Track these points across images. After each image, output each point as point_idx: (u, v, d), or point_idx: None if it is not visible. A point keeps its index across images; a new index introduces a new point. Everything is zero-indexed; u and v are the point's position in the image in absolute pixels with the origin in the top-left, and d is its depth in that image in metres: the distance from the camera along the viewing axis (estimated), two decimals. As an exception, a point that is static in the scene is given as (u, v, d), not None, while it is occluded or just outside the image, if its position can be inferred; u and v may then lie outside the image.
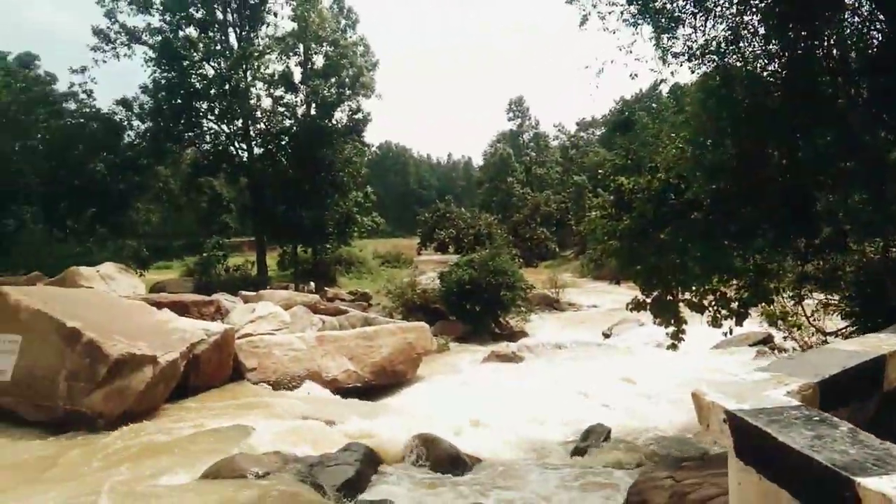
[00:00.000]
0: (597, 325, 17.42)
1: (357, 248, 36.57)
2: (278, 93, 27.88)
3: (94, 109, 27.62)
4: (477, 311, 16.09)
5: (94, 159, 26.68)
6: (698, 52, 6.70)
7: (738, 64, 6.61)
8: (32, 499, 5.02)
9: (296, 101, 28.00)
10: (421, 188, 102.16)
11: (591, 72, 7.35)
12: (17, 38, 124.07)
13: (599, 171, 10.08)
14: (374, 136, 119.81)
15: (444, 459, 6.17)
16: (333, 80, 26.97)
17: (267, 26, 28.07)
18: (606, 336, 15.76)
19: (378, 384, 10.58)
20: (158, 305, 10.78)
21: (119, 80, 40.06)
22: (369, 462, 5.97)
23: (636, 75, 7.26)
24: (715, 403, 1.69)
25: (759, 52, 6.61)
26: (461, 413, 8.23)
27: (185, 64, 26.04)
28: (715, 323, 7.10)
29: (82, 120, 27.13)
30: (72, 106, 27.97)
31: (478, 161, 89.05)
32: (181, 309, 11.63)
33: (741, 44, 6.56)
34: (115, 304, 9.90)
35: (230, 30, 27.71)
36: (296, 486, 4.90)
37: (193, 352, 8.55)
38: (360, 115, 28.13)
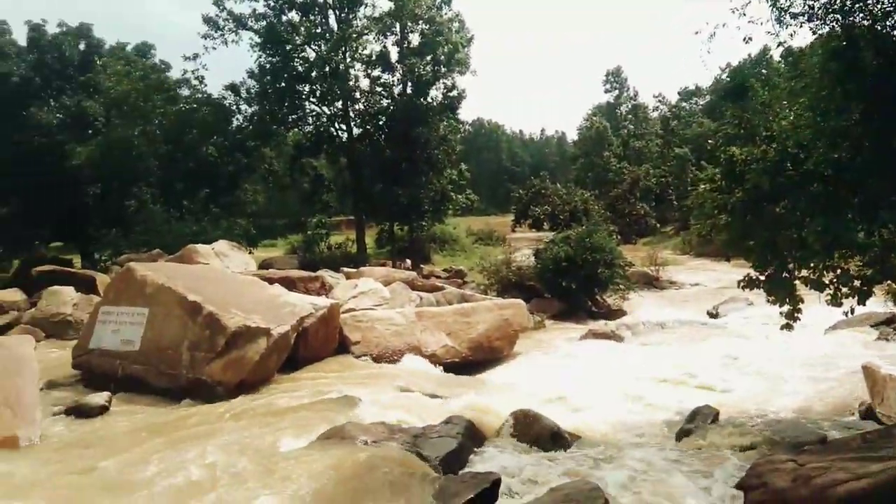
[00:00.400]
0: (701, 303, 16.77)
1: (451, 225, 36.92)
2: (376, 73, 28.45)
3: (205, 95, 29.23)
4: (573, 289, 15.88)
5: (205, 142, 28.30)
6: (820, 12, 6.21)
7: (866, 23, 6.08)
8: (175, 455, 5.53)
9: (392, 81, 28.47)
10: (513, 165, 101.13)
11: (700, 38, 6.99)
12: (135, 30, 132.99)
13: (709, 141, 9.60)
14: (467, 112, 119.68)
15: (544, 435, 6.17)
16: (429, 57, 27.16)
17: (364, 7, 28.55)
18: (712, 316, 15.14)
19: (475, 360, 10.72)
20: (269, 281, 11.35)
21: (227, 67, 42.05)
22: (470, 435, 6.06)
23: (750, 39, 6.76)
24: (893, 376, 1.59)
25: (889, 8, 6.05)
26: (559, 390, 8.22)
27: (287, 48, 27.02)
28: (834, 301, 6.63)
29: (195, 105, 28.77)
30: (185, 92, 29.71)
31: (572, 136, 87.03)
32: (288, 284, 12.22)
33: (869, 1, 6.02)
34: (230, 279, 10.54)
35: (330, 12, 28.42)
36: (401, 454, 5.08)
37: (302, 325, 8.97)
38: (454, 93, 28.21)
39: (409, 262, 27.72)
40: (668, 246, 34.38)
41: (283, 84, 27.32)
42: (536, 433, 6.23)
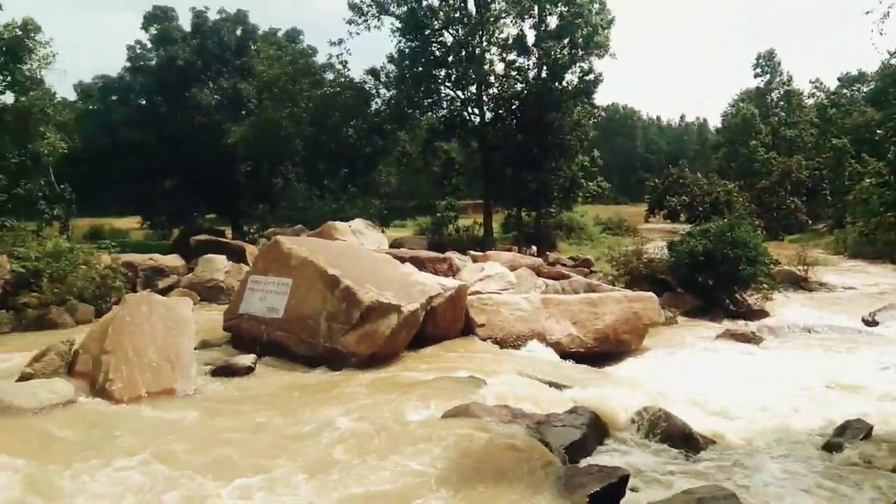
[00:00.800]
0: (855, 309, 15.27)
1: (579, 213, 36.23)
2: (511, 57, 28.31)
3: (347, 79, 30.53)
4: (710, 286, 15.04)
5: (346, 125, 29.61)
6: None
7: None
8: (321, 414, 6.03)
9: (528, 65, 28.20)
10: (648, 152, 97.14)
11: (871, 18, 6.33)
12: (285, 15, 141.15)
13: (878, 131, 8.70)
14: (602, 97, 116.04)
15: (675, 436, 5.93)
16: (566, 40, 26.63)
17: (504, -10, 28.45)
18: (868, 323, 13.74)
19: (601, 351, 10.47)
20: (401, 260, 11.74)
21: (367, 52, 43.51)
22: (595, 427, 5.95)
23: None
24: None
25: None
26: (692, 390, 7.84)
27: (426, 33, 27.54)
28: None
29: (338, 89, 30.16)
30: (329, 76, 31.23)
31: (714, 123, 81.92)
32: (418, 264, 12.56)
33: None
34: (365, 256, 11.02)
35: (469, -4, 28.59)
36: (525, 438, 5.10)
37: (431, 304, 9.20)
38: (591, 76, 27.50)
39: (534, 248, 27.57)
40: (818, 244, 31.59)
41: (420, 68, 27.91)
42: (666, 432, 6.01)
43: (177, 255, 17.10)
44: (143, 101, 35.67)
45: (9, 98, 20.20)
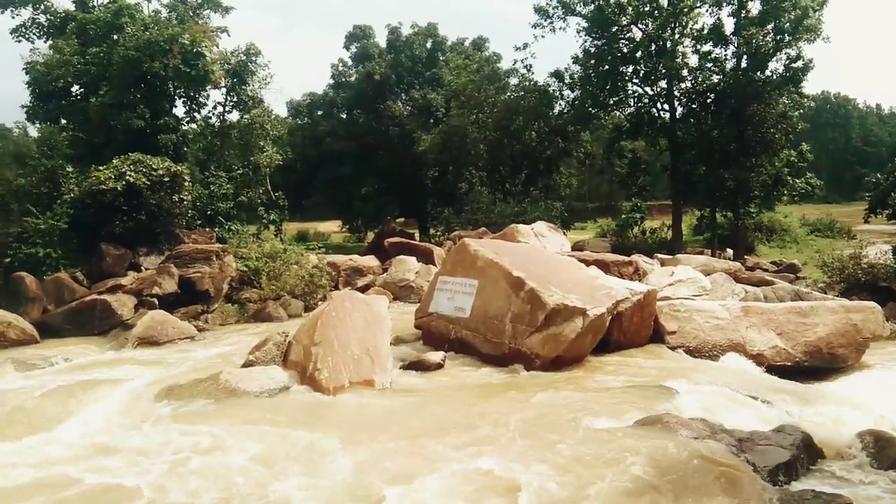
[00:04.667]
0: None
1: (781, 213, 33.09)
2: (706, 48, 26.57)
3: (532, 82, 30.67)
4: (950, 296, 12.95)
5: (529, 128, 29.79)
6: None
7: None
8: (506, 411, 6.25)
9: (725, 55, 26.29)
10: (866, 145, 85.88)
11: None
12: (472, 23, 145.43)
13: None
14: (811, 85, 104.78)
15: (906, 465, 5.21)
16: (770, 26, 24.38)
17: (699, -21, 26.81)
18: None
19: (811, 366, 9.44)
20: (584, 263, 11.55)
21: (549, 56, 43.51)
22: (806, 450, 5.40)
23: None
24: None
25: None
26: (923, 414, 6.80)
27: (613, 30, 26.82)
28: None
29: (522, 93, 30.42)
30: (513, 80, 31.60)
31: (956, 107, 70.35)
32: (602, 267, 12.25)
33: None
34: (549, 258, 11.01)
35: (660, -12, 27.35)
36: (725, 455, 4.77)
37: (617, 308, 8.94)
38: (799, 63, 24.91)
39: (730, 251, 25.66)
40: None
41: (606, 67, 27.20)
42: (893, 459, 5.29)
43: (373, 257, 18.37)
44: (344, 115, 38.91)
45: (234, 116, 23.16)
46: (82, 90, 19.27)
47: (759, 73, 25.03)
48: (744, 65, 25.54)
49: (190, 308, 12.87)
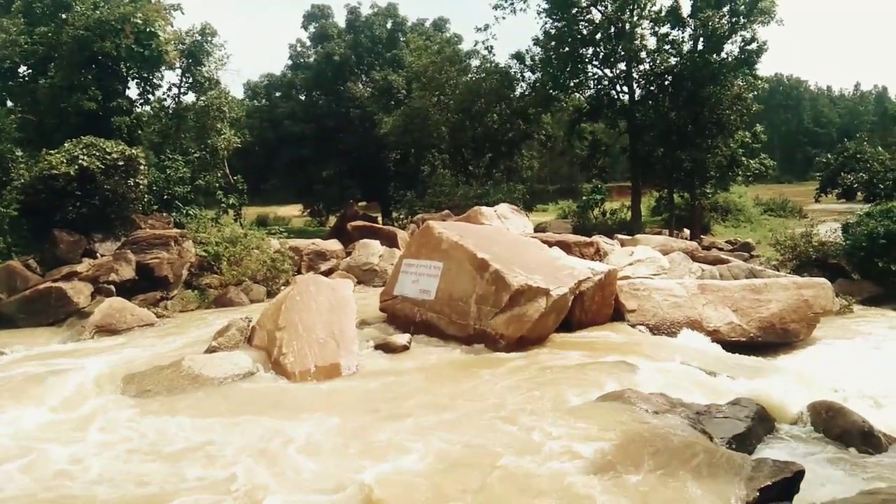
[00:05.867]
0: None
1: (736, 194, 33.99)
2: (663, 30, 26.92)
3: (493, 64, 30.63)
4: (892, 270, 13.51)
5: (490, 110, 29.78)
6: None
7: None
8: (478, 390, 6.43)
9: (682, 38, 26.67)
10: (817, 126, 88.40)
11: None
12: (433, 4, 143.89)
13: None
14: (764, 67, 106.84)
15: (851, 433, 5.44)
16: (726, 8, 24.82)
17: (656, -39, 27.08)
18: None
19: (764, 341, 9.80)
20: (547, 244, 11.68)
21: (509, 37, 43.44)
22: (761, 421, 5.61)
23: None
24: None
25: None
26: (872, 386, 7.13)
27: (573, 11, 26.93)
28: None
29: (483, 75, 30.37)
30: (475, 62, 31.52)
31: (897, 90, 72.73)
32: (564, 248, 12.43)
33: None
34: (513, 240, 11.09)
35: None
36: (685, 428, 4.93)
37: (580, 288, 9.09)
38: (753, 46, 25.45)
39: (686, 231, 26.27)
40: None
41: (566, 48, 27.35)
42: (841, 428, 5.53)
43: (335, 241, 18.21)
44: (303, 97, 38.28)
45: (190, 98, 22.57)
46: (30, 71, 18.52)
47: (715, 56, 25.49)
48: (700, 47, 25.99)
49: (149, 295, 12.58)
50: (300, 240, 18.13)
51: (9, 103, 18.48)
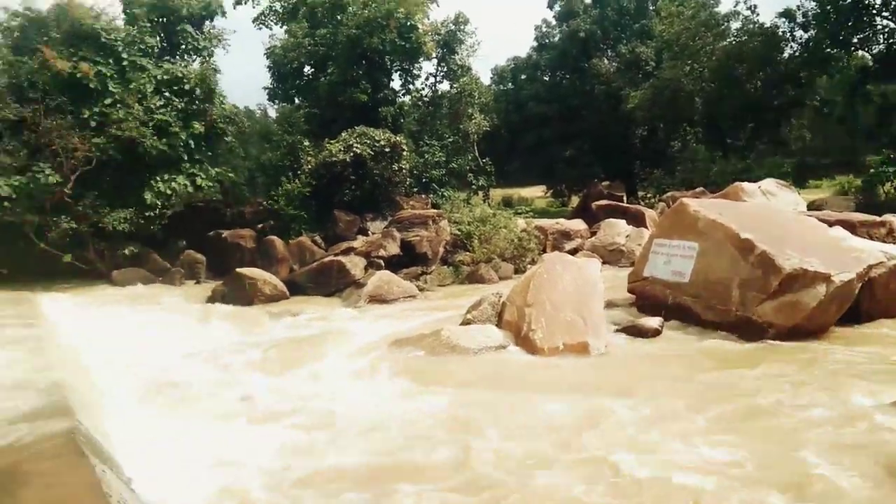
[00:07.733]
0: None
1: None
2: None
3: (757, 25, 27.57)
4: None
5: (754, 77, 26.94)
6: None
7: None
8: (737, 383, 5.96)
9: None
10: None
11: None
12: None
13: None
14: None
15: None
16: None
17: None
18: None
19: None
20: (826, 223, 10.28)
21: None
22: None
23: None
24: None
25: None
26: None
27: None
28: None
29: (745, 37, 27.49)
30: (734, 25, 28.65)
31: None
32: (848, 228, 10.78)
33: None
34: (783, 218, 9.97)
35: None
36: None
37: (868, 274, 7.87)
38: None
39: None
40: None
41: (847, 0, 23.49)
42: None
43: (580, 220, 18.08)
44: (547, 77, 38.40)
45: (444, 86, 24.01)
46: (313, 70, 21.28)
47: None
48: None
49: (411, 269, 13.79)
50: (544, 219, 18.35)
51: (296, 100, 21.45)
